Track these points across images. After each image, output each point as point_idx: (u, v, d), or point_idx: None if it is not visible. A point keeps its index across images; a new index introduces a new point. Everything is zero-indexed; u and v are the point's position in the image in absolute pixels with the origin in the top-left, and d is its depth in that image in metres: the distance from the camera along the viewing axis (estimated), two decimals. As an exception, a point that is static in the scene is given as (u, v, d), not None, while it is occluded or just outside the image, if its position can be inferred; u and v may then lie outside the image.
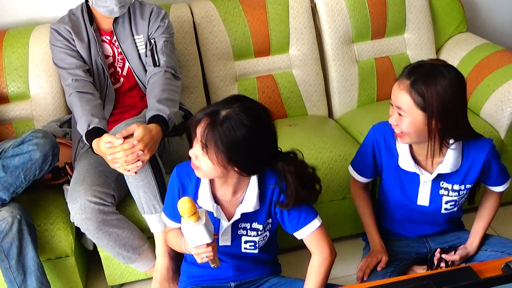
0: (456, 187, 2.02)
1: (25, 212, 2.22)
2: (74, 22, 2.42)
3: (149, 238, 2.35)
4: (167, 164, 2.26)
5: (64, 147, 2.44)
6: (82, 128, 2.21)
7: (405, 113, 1.86)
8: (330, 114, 3.08)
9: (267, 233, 1.91)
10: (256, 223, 1.87)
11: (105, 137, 2.10)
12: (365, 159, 2.12)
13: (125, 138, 2.07)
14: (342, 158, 2.52)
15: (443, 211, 2.06)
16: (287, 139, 2.62)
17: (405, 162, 2.00)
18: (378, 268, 2.04)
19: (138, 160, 2.07)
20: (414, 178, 2.03)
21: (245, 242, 1.89)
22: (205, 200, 1.82)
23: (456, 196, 2.03)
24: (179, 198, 1.74)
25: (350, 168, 2.20)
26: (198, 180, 1.83)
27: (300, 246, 1.95)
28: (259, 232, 1.88)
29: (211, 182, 1.83)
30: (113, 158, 2.08)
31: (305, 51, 2.95)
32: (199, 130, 1.68)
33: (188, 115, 2.57)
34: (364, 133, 2.70)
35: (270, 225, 1.90)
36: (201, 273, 1.98)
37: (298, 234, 1.85)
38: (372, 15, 2.98)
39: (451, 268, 1.87)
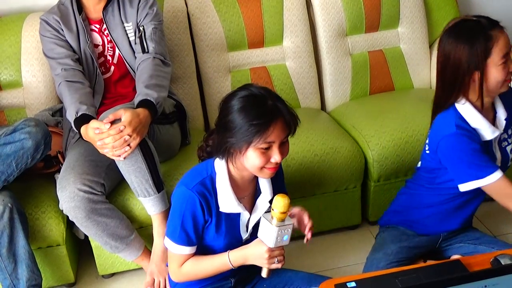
0: (510, 131, 2.07)
1: (17, 201, 2.21)
2: (63, 12, 2.42)
3: (138, 229, 2.37)
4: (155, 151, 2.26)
5: (56, 136, 2.43)
6: (70, 115, 2.22)
7: None
8: (323, 106, 3.08)
9: None
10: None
11: (93, 123, 2.11)
12: (480, 151, 1.95)
13: (113, 123, 2.08)
14: (335, 151, 2.53)
15: (509, 163, 2.10)
16: (280, 131, 2.62)
17: (489, 131, 1.98)
18: None
19: (128, 145, 2.08)
20: (491, 146, 2.02)
21: None
22: (230, 205, 1.77)
23: None
24: (203, 218, 1.74)
25: (488, 179, 1.94)
26: (215, 190, 1.77)
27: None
28: None
29: (232, 185, 1.78)
30: (102, 144, 2.08)
31: (298, 43, 2.95)
32: (277, 132, 1.65)
33: (180, 105, 2.57)
34: (356, 126, 2.71)
35: None
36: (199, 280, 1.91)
37: None
38: (366, 8, 2.98)
39: (440, 262, 1.88)
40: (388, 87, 3.08)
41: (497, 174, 1.93)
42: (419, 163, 2.20)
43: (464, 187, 1.98)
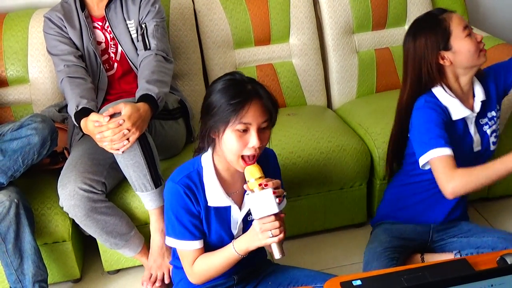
0: (489, 114, 2.11)
1: (23, 196, 2.22)
2: (66, 10, 2.44)
3: (141, 226, 2.38)
4: (159, 148, 2.27)
5: (62, 132, 2.44)
6: (71, 109, 2.24)
7: None
8: (329, 104, 3.08)
9: None
10: None
11: (93, 116, 2.11)
12: (441, 126, 1.97)
13: (113, 116, 2.08)
14: (340, 149, 2.53)
15: (491, 147, 2.12)
16: (286, 128, 2.62)
17: (459, 110, 2.02)
18: None
19: (126, 139, 2.08)
20: (463, 127, 2.05)
21: None
22: (218, 198, 1.76)
23: (494, 124, 2.12)
24: (195, 208, 1.74)
25: (436, 151, 1.92)
26: (202, 184, 1.76)
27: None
28: None
29: (219, 179, 1.78)
30: (101, 137, 2.09)
31: (305, 40, 2.94)
32: (252, 113, 1.64)
33: (183, 101, 2.57)
34: (362, 124, 2.71)
35: None
36: None
37: None
38: (373, 5, 2.98)
39: (446, 261, 1.88)
40: (395, 85, 3.06)
41: (444, 150, 1.90)
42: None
43: (422, 160, 1.97)
